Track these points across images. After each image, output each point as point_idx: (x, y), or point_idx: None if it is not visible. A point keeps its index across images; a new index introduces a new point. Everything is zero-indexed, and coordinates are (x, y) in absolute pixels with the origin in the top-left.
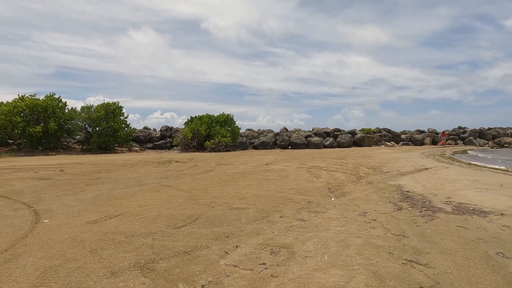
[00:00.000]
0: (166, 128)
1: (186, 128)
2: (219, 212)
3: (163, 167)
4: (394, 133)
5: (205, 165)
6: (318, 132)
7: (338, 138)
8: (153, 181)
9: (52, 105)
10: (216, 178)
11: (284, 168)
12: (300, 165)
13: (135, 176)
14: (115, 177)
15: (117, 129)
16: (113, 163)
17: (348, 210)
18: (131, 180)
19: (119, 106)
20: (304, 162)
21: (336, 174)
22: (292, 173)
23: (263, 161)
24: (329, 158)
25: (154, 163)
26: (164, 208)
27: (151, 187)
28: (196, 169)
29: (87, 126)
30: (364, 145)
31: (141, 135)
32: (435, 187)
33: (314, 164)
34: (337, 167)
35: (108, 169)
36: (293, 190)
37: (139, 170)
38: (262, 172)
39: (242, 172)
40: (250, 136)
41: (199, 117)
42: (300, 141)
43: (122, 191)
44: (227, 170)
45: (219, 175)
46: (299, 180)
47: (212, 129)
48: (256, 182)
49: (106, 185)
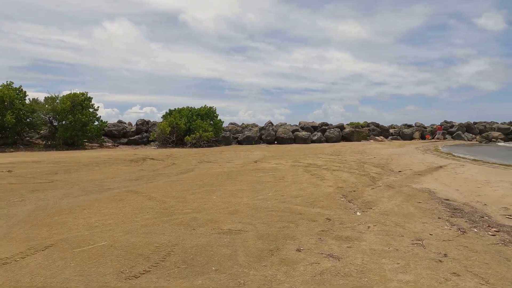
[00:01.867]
0: (142, 121)
1: (164, 122)
2: (202, 240)
3: (135, 166)
4: (382, 127)
5: (185, 163)
6: (306, 126)
7: (326, 132)
8: (119, 184)
9: (10, 96)
10: (198, 181)
11: (277, 166)
12: (294, 162)
13: (98, 178)
14: (72, 180)
15: (86, 122)
16: (77, 162)
17: (393, 235)
18: (92, 183)
19: (88, 97)
20: (297, 159)
21: (342, 174)
22: (289, 173)
23: (251, 158)
24: (322, 154)
25: (126, 161)
26: (123, 231)
27: (114, 194)
28: (174, 168)
29: (51, 119)
30: (353, 140)
31: (114, 130)
32: (473, 192)
33: (309, 161)
34: (338, 165)
35: (67, 169)
36: (298, 198)
37: (106, 170)
38: (252, 172)
39: (228, 172)
40: (234, 130)
41: (178, 110)
42: (287, 136)
43: (74, 201)
44: (211, 169)
45: (201, 176)
46: (301, 183)
47: (192, 123)
48: (248, 186)
49: (57, 191)
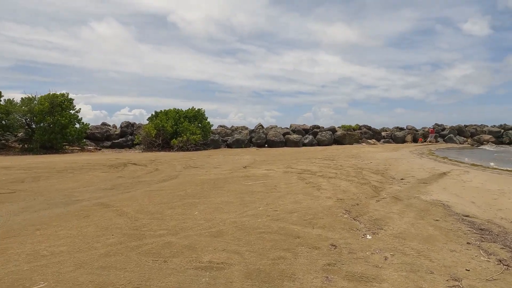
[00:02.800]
0: (127, 124)
1: (149, 124)
2: (174, 280)
3: (114, 173)
4: (374, 130)
5: (169, 168)
6: (297, 129)
7: (318, 135)
8: (90, 195)
9: None
10: (180, 191)
11: (268, 173)
12: (286, 168)
13: (69, 187)
14: (39, 190)
15: (66, 125)
16: (51, 167)
17: (420, 271)
18: (60, 194)
19: (68, 98)
20: (290, 165)
21: (340, 183)
22: (281, 181)
23: (240, 163)
24: (315, 158)
25: (105, 166)
26: (74, 264)
27: (80, 207)
28: (156, 174)
29: (28, 121)
30: (345, 143)
31: (97, 132)
32: (491, 205)
33: (303, 167)
34: (335, 172)
35: (37, 177)
36: (294, 214)
37: (80, 178)
38: (241, 179)
39: (215, 179)
40: (223, 133)
41: (165, 112)
42: (277, 139)
43: (31, 217)
44: (196, 176)
45: (185, 184)
46: (296, 193)
47: (180, 125)
48: (236, 197)
49: (15, 204)
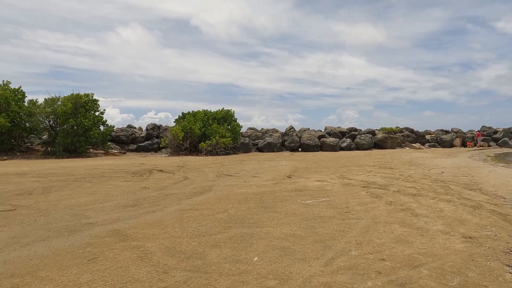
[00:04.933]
0: (153, 126)
1: (176, 127)
2: None
3: (137, 182)
4: (417, 133)
5: (200, 177)
6: (333, 131)
7: (357, 139)
8: (106, 216)
9: (6, 97)
10: (220, 211)
11: (323, 185)
12: (342, 179)
13: (82, 202)
14: (45, 206)
15: (90, 127)
16: (70, 174)
17: None
18: (68, 213)
19: (92, 99)
20: (342, 174)
21: (438, 205)
22: (349, 198)
23: (280, 171)
24: (367, 166)
25: (129, 173)
26: None
27: (89, 239)
28: (186, 185)
29: (52, 123)
30: (387, 147)
31: (122, 135)
32: None
33: (361, 177)
34: (413, 186)
35: (48, 187)
36: (420, 269)
37: (98, 189)
38: (293, 194)
39: (259, 194)
40: (254, 136)
41: (192, 113)
42: (312, 143)
43: (13, 258)
44: (234, 188)
45: (223, 200)
46: (386, 222)
47: (208, 127)
48: (302, 227)
49: (7, 229)
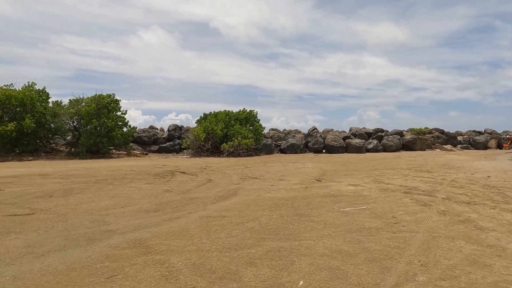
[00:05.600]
0: (174, 127)
1: (198, 127)
2: None
3: (160, 184)
4: (448, 134)
5: (224, 179)
6: (358, 132)
7: (384, 140)
8: (127, 222)
9: (31, 97)
10: (250, 219)
11: (359, 190)
12: (377, 183)
13: (102, 206)
14: (63, 210)
15: (112, 127)
16: (92, 175)
17: None
18: (88, 218)
19: (114, 100)
20: (376, 177)
21: (505, 216)
22: (393, 206)
23: (307, 173)
24: (400, 168)
25: (151, 175)
26: None
27: (108, 251)
28: (210, 188)
29: (76, 124)
30: (416, 149)
31: (144, 136)
32: None
33: (398, 182)
34: (462, 193)
35: (69, 189)
36: None
37: (119, 191)
38: (327, 200)
39: (290, 199)
40: (276, 137)
41: (214, 114)
42: (337, 144)
43: (24, 272)
44: (261, 192)
45: (252, 206)
46: (447, 236)
47: (230, 128)
48: (347, 240)
49: (22, 236)
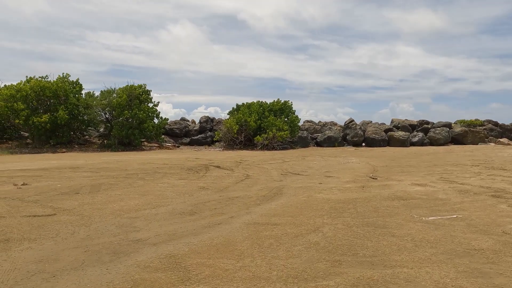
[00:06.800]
0: (206, 119)
1: (231, 119)
2: None
3: (194, 180)
4: (503, 127)
5: (263, 175)
6: (401, 124)
7: (430, 132)
8: (159, 229)
9: (65, 89)
10: (310, 229)
11: (429, 191)
12: (448, 183)
13: (132, 206)
14: (88, 211)
15: (144, 119)
16: (123, 169)
17: None
18: (114, 223)
19: (146, 90)
20: (441, 175)
21: None
22: (497, 218)
23: (355, 169)
24: (465, 165)
25: (184, 169)
26: None
27: (135, 273)
28: (249, 185)
29: (108, 115)
30: (467, 143)
31: (175, 128)
32: None
33: (475, 181)
34: None
35: (97, 184)
36: None
37: (151, 188)
38: (397, 205)
39: (347, 201)
40: (312, 129)
41: (247, 105)
42: (379, 137)
43: None
44: (311, 191)
45: (305, 210)
46: None
47: (264, 120)
48: (460, 270)
49: (36, 245)
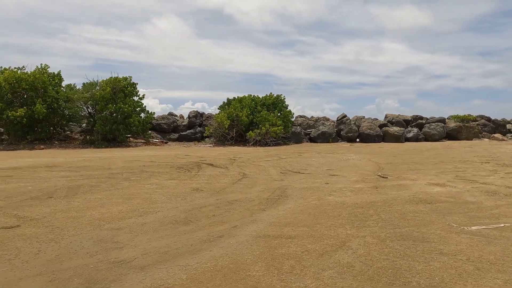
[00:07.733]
0: (195, 114)
1: (221, 114)
2: None
3: (185, 180)
4: (496, 122)
5: (261, 174)
6: (395, 120)
7: (425, 128)
8: (146, 245)
9: (43, 81)
10: (332, 243)
11: (453, 192)
12: (469, 182)
13: (115, 214)
14: (62, 222)
15: (129, 113)
16: (106, 168)
17: None
18: (92, 237)
19: (131, 83)
20: (456, 174)
21: None
22: None
23: (359, 167)
24: (470, 161)
25: (174, 168)
26: None
27: None
28: (248, 186)
29: (90, 109)
30: (461, 138)
31: (163, 123)
32: None
33: (495, 180)
34: None
35: (76, 186)
36: None
37: (137, 189)
38: (424, 210)
39: (365, 205)
40: (305, 124)
41: (239, 99)
42: (374, 132)
43: None
44: (319, 193)
45: (320, 218)
46: None
47: (256, 114)
48: None
49: None
